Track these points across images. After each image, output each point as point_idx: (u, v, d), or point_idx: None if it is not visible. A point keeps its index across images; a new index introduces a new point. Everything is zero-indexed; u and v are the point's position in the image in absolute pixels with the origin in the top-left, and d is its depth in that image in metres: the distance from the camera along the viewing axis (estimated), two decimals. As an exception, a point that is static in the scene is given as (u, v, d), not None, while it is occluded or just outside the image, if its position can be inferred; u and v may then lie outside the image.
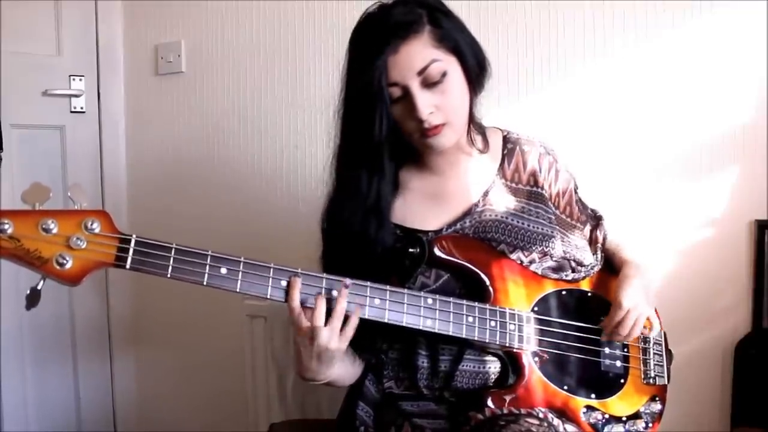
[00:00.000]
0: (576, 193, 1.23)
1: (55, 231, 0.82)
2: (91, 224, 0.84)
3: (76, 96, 2.04)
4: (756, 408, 1.50)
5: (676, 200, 1.56)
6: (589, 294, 1.17)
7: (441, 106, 1.02)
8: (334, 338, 0.96)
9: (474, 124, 1.11)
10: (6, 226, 0.80)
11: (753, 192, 1.52)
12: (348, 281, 0.97)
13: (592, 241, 1.24)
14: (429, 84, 1.01)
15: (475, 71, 1.06)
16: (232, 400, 2.00)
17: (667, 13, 1.53)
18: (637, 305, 1.09)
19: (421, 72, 1.00)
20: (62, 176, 2.03)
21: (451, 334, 1.01)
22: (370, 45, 1.00)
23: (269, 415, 1.67)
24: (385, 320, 0.98)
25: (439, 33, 1.01)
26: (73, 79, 2.03)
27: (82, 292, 2.05)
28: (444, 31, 1.02)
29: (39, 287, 0.84)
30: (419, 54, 1.00)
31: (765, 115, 1.49)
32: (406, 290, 1.01)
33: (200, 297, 1.95)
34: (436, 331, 1.01)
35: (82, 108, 2.05)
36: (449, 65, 1.02)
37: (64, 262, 0.82)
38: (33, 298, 0.83)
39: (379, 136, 1.01)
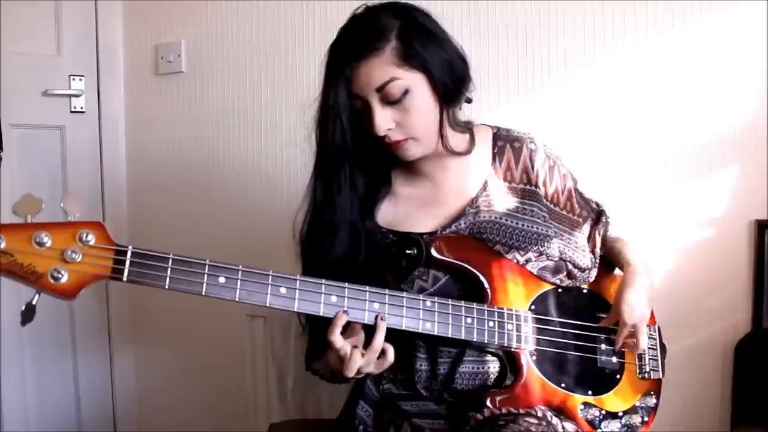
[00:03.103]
0: (576, 188, 1.22)
1: (48, 244, 0.79)
2: (86, 236, 0.82)
3: (76, 96, 2.04)
4: (756, 407, 1.50)
5: (676, 200, 1.56)
6: (585, 291, 1.18)
7: (402, 122, 1.02)
8: (369, 367, 0.96)
9: (457, 127, 1.09)
10: None
11: (753, 192, 1.52)
12: (384, 313, 0.97)
13: (591, 239, 1.22)
14: (389, 101, 1.00)
15: (449, 87, 1.04)
16: (232, 400, 2.00)
17: (667, 13, 1.53)
18: (643, 317, 1.11)
19: (379, 89, 0.99)
20: (62, 176, 2.03)
21: (450, 336, 1.01)
22: (336, 57, 1.01)
23: (269, 415, 1.67)
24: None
25: (403, 50, 0.98)
26: (73, 79, 2.03)
27: (82, 292, 2.04)
28: (411, 48, 0.99)
29: (34, 302, 0.81)
30: (377, 72, 0.98)
31: (765, 115, 1.49)
32: (404, 293, 1.00)
33: (200, 297, 1.95)
34: (435, 333, 1.00)
35: (82, 108, 2.05)
36: (413, 83, 1.00)
37: (60, 276, 0.80)
38: (28, 314, 0.81)
39: (339, 148, 1.02)
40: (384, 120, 1.00)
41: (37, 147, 1.99)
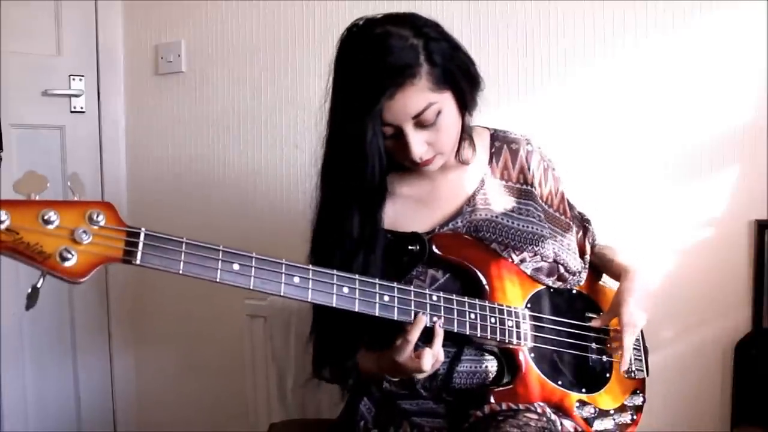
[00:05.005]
0: (564, 195, 1.23)
1: (57, 223, 0.74)
2: (97, 216, 0.77)
3: (76, 96, 2.04)
4: (756, 407, 1.50)
5: (676, 200, 1.56)
6: (574, 292, 1.19)
7: (434, 142, 1.02)
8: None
9: (464, 134, 1.09)
10: (2, 217, 0.70)
11: (753, 192, 1.52)
12: (441, 317, 0.98)
13: (579, 247, 1.23)
14: (423, 125, 0.99)
15: (469, 95, 1.04)
16: (232, 400, 2.00)
17: (667, 13, 1.53)
18: (641, 321, 1.12)
19: (416, 116, 0.98)
20: (62, 176, 2.03)
21: (455, 330, 1.01)
22: (365, 86, 0.95)
23: (269, 415, 1.67)
24: (395, 317, 0.96)
25: (436, 73, 0.97)
26: (73, 79, 2.03)
27: (82, 291, 2.05)
28: (440, 69, 0.97)
29: (39, 285, 0.74)
30: (414, 101, 0.96)
31: (765, 115, 1.49)
32: (412, 288, 1.00)
33: (200, 297, 1.96)
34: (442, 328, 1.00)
35: (82, 108, 2.05)
36: (444, 103, 0.99)
37: (69, 256, 0.73)
38: (33, 297, 0.75)
39: (371, 179, 1.00)
40: (419, 145, 1.00)
41: (37, 147, 1.99)
